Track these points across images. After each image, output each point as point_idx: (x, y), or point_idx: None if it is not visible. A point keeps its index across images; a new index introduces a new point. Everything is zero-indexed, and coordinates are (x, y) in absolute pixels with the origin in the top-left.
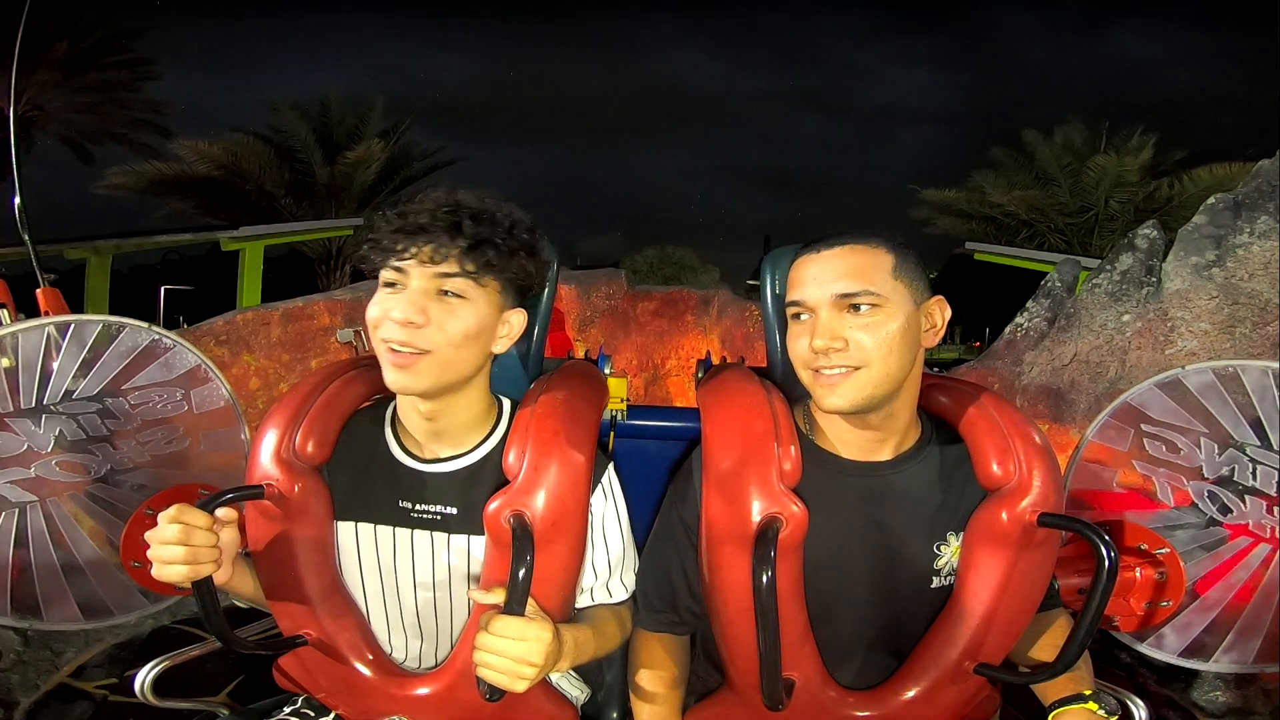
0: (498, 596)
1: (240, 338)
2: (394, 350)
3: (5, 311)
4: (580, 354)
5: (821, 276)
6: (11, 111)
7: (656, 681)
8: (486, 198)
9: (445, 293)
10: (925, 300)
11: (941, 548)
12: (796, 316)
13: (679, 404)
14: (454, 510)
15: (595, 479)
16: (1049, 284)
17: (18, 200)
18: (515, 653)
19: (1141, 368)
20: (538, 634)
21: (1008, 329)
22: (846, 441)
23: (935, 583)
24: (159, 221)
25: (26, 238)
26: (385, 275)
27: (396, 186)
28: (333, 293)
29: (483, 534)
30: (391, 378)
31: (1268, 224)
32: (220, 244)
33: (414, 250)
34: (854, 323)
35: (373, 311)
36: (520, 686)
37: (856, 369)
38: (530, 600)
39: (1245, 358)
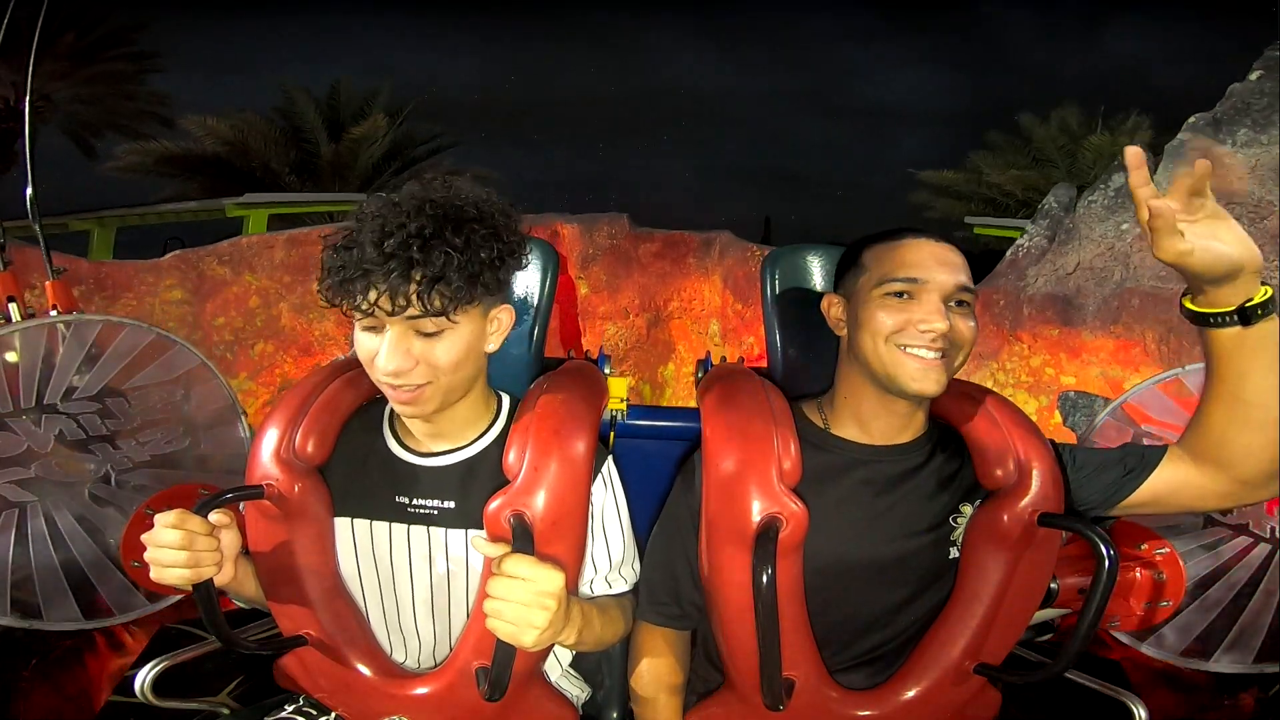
0: (503, 548)
1: (243, 259)
2: (393, 389)
3: (15, 304)
4: (583, 292)
5: (947, 264)
6: (27, 102)
7: (657, 678)
8: (438, 203)
9: (423, 333)
10: None
11: (957, 519)
12: (899, 294)
13: (681, 347)
14: (451, 504)
15: (595, 470)
16: (1046, 206)
17: (30, 191)
18: (527, 595)
19: (1147, 268)
20: (549, 575)
21: (1009, 251)
22: (869, 428)
23: (953, 553)
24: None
25: (38, 229)
26: (356, 316)
27: (400, 168)
28: (341, 205)
29: (480, 529)
30: (400, 410)
31: (1248, 135)
32: (225, 211)
33: (372, 297)
34: (956, 315)
35: (360, 351)
36: (529, 637)
37: (945, 356)
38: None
39: None
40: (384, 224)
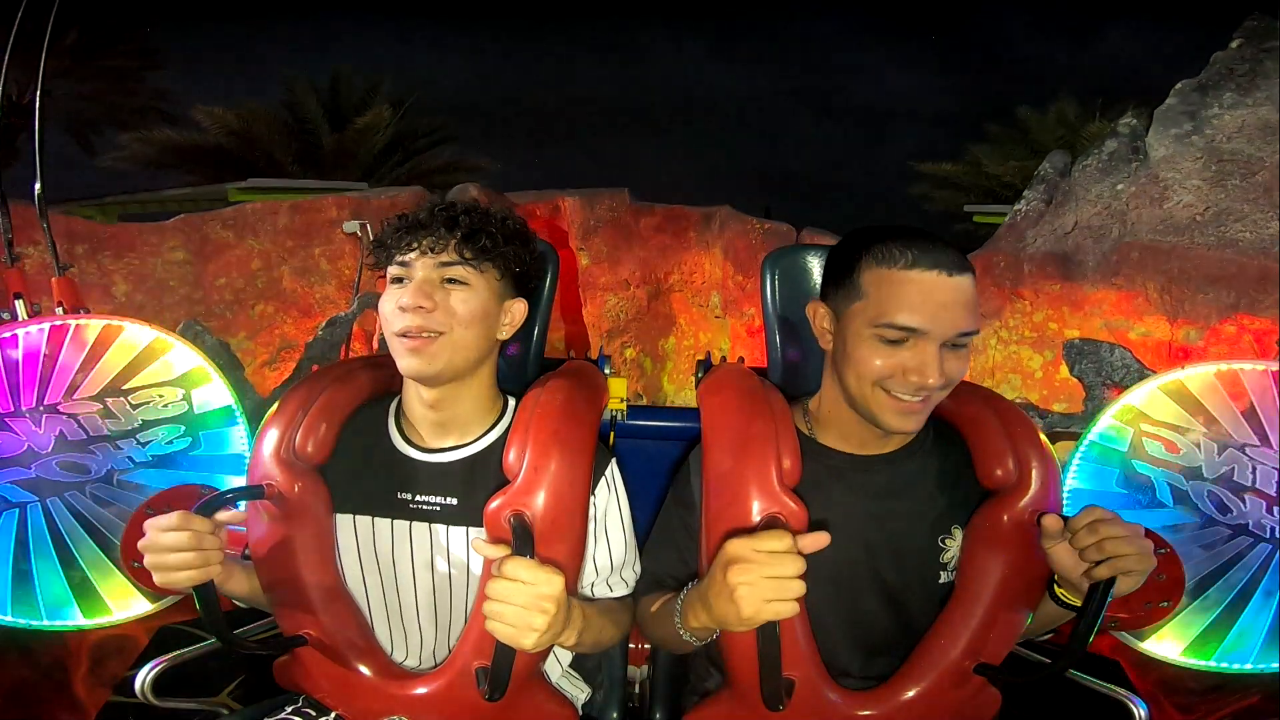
0: (503, 549)
1: (247, 224)
2: (409, 337)
3: (21, 301)
4: (583, 263)
5: (953, 306)
6: (38, 97)
7: (660, 600)
8: (477, 200)
9: (448, 281)
10: None
11: (947, 541)
12: (894, 341)
13: (683, 320)
14: (454, 501)
15: (599, 473)
16: (1042, 172)
17: (38, 186)
18: (526, 598)
19: (1144, 223)
20: (549, 578)
21: (1007, 216)
22: (851, 437)
23: (943, 578)
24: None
25: (45, 226)
26: (392, 271)
27: (401, 159)
28: (343, 191)
29: (481, 526)
30: (406, 363)
31: (1233, 98)
32: (228, 197)
33: (415, 245)
34: (950, 357)
35: (384, 307)
36: (529, 639)
37: (930, 396)
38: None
39: (1242, 206)
40: (436, 201)
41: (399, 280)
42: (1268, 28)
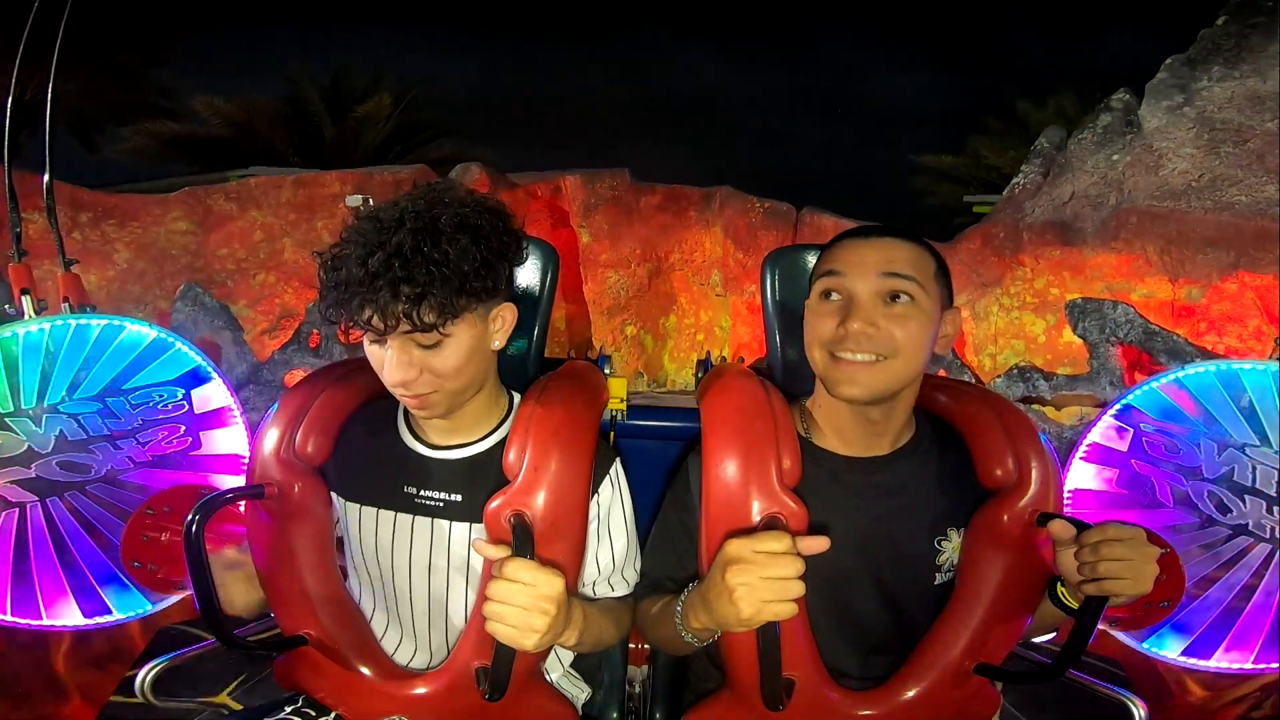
0: (504, 550)
1: (251, 197)
2: (403, 395)
3: (28, 297)
4: (584, 241)
5: (871, 259)
6: (50, 89)
7: (660, 602)
8: (420, 215)
9: (420, 347)
10: (948, 308)
11: (943, 543)
12: (827, 295)
13: (683, 299)
14: (458, 498)
15: (603, 472)
16: (1038, 147)
17: (47, 177)
18: (527, 599)
19: (1140, 190)
20: (549, 579)
21: (1005, 190)
22: (846, 437)
23: (938, 579)
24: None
25: (54, 222)
26: (364, 333)
27: (403, 151)
28: (345, 170)
29: (483, 523)
30: (415, 413)
31: (1221, 71)
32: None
33: (365, 315)
34: (889, 313)
35: (371, 360)
36: (530, 640)
37: (882, 359)
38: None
39: (1236, 171)
40: (367, 241)
41: (373, 340)
42: (1252, 4)
